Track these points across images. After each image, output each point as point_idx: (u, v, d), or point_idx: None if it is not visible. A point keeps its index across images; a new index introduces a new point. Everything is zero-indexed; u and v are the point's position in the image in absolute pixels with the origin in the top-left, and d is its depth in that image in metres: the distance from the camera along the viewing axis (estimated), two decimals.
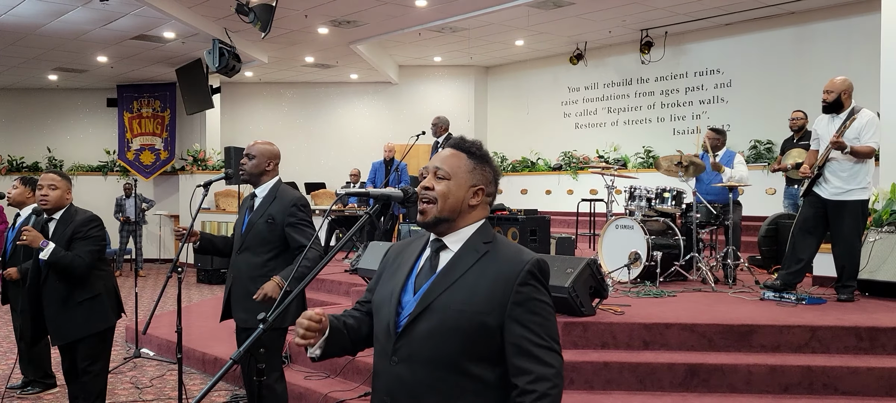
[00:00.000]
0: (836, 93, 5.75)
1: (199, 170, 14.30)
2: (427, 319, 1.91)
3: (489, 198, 2.06)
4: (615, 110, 12.95)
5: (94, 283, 4.22)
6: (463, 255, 1.97)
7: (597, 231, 9.32)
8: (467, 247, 1.98)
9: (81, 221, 4.22)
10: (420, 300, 1.94)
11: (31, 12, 9.70)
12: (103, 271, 4.33)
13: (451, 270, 1.96)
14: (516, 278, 1.90)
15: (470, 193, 2.01)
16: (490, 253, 1.96)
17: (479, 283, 1.91)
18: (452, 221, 1.99)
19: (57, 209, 4.28)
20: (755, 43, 11.10)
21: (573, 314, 5.02)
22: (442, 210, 1.98)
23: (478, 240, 1.99)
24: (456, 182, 1.99)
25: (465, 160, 2.03)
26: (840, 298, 5.78)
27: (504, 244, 2.01)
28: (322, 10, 10.06)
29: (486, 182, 2.04)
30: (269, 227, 3.92)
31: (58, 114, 15.93)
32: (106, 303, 4.26)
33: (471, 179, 2.01)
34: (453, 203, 1.98)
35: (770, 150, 10.61)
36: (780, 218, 7.71)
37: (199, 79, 12.87)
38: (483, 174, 2.04)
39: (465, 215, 2.01)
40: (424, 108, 14.12)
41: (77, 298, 4.17)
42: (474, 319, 1.88)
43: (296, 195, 4.00)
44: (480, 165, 2.04)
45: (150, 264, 15.11)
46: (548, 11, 10.40)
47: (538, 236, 7.39)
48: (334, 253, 2.23)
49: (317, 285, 7.72)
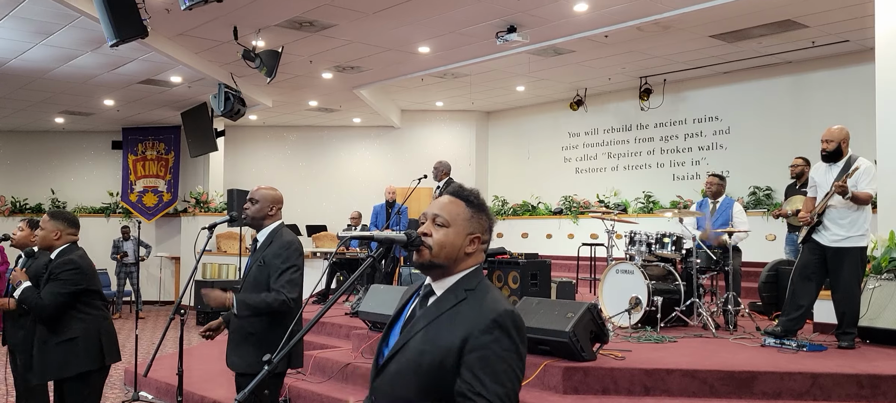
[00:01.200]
0: (835, 142, 5.83)
1: (201, 213, 14.36)
2: (397, 360, 1.97)
3: (484, 245, 2.10)
4: (615, 155, 13.05)
5: (71, 326, 4.17)
6: (443, 300, 2.01)
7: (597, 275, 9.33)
8: (449, 293, 2.02)
9: (57, 263, 4.21)
10: (396, 342, 2.01)
11: (41, 57, 9.87)
12: (87, 314, 4.25)
13: (428, 313, 2.00)
14: (479, 325, 1.90)
15: (467, 241, 2.04)
16: (468, 300, 1.98)
17: (445, 327, 1.94)
18: (447, 268, 2.03)
19: (46, 248, 4.35)
20: (753, 91, 11.25)
21: (574, 358, 5.02)
22: (437, 255, 2.01)
23: (461, 287, 2.02)
24: (455, 229, 2.03)
25: (463, 208, 2.06)
26: (841, 345, 5.77)
27: (484, 292, 2.01)
28: (326, 56, 10.23)
29: (482, 230, 2.08)
30: (259, 270, 3.91)
31: (62, 156, 16.07)
32: (83, 346, 4.18)
33: (468, 227, 2.05)
34: (449, 251, 2.02)
35: (769, 196, 10.67)
36: (780, 265, 7.73)
37: (204, 123, 13.00)
38: (480, 222, 2.08)
39: (460, 262, 2.04)
40: (426, 152, 14.24)
41: (53, 339, 4.17)
42: (433, 360, 1.91)
43: (290, 239, 3.98)
44: (478, 214, 2.08)
45: (150, 306, 15.07)
46: (548, 58, 10.57)
47: (539, 280, 7.39)
48: (337, 297, 2.26)
49: (317, 328, 7.70)
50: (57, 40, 9.14)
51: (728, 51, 10.15)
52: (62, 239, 4.35)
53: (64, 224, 4.37)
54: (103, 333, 4.29)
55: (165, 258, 15.38)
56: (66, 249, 4.33)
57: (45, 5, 7.76)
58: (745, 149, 11.29)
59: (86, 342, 4.21)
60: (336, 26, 8.87)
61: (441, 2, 8.02)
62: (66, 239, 4.36)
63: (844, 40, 9.50)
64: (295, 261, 3.85)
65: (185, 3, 5.86)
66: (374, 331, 6.65)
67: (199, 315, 12.30)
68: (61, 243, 4.34)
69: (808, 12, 8.40)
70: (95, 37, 8.73)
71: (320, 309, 2.11)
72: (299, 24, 8.77)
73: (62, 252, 4.31)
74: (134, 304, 12.98)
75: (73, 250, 4.33)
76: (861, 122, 8.48)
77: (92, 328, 4.25)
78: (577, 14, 8.40)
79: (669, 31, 9.14)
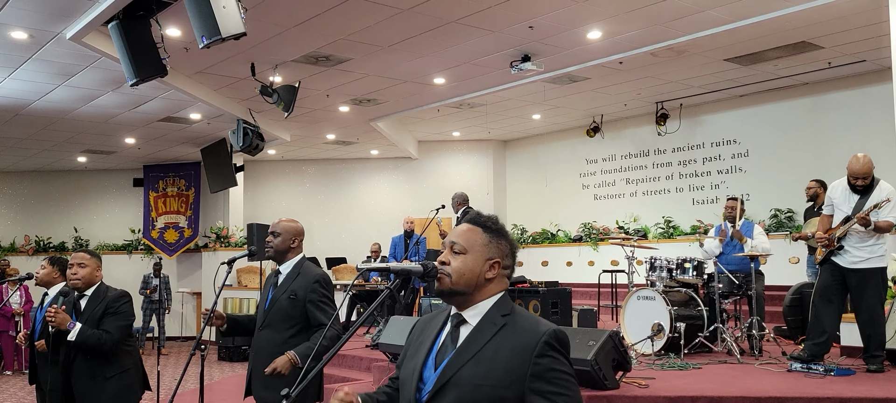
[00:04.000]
0: (869, 177, 5.76)
1: (221, 247, 14.46)
2: (446, 394, 1.93)
3: (506, 270, 2.09)
4: (633, 181, 13.00)
5: (123, 359, 4.34)
6: (481, 329, 1.99)
7: (618, 302, 9.25)
8: (486, 321, 2.00)
9: (113, 297, 4.36)
10: (440, 375, 1.96)
11: (63, 98, 10.07)
12: (130, 347, 4.45)
13: (470, 344, 1.98)
14: (534, 349, 1.90)
15: (486, 267, 2.04)
16: (508, 326, 1.97)
17: (496, 357, 1.92)
18: (469, 294, 2.02)
19: (87, 286, 4.40)
20: (771, 113, 11.19)
21: (596, 387, 4.96)
22: (457, 283, 2.01)
23: (496, 313, 2.01)
24: (472, 256, 2.03)
25: (480, 234, 2.07)
26: (869, 369, 5.66)
27: (522, 316, 2.02)
28: (343, 89, 10.34)
29: (502, 255, 2.07)
30: (291, 303, 3.93)
31: (84, 194, 16.30)
32: (134, 378, 4.38)
33: (486, 252, 2.05)
34: (469, 277, 2.02)
35: (791, 219, 10.56)
36: (804, 288, 7.62)
37: (224, 158, 13.15)
38: (499, 247, 2.07)
39: (481, 288, 2.03)
40: (444, 182, 14.28)
41: (106, 373, 4.26)
42: (493, 394, 1.89)
43: (319, 272, 4.03)
44: (496, 239, 2.08)
45: (172, 342, 15.13)
46: (563, 86, 10.60)
47: (560, 308, 7.36)
48: (355, 329, 2.26)
49: (337, 361, 7.70)
50: (79, 81, 9.33)
51: (744, 74, 10.12)
52: (97, 276, 4.48)
53: (98, 261, 4.51)
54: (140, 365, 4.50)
55: (187, 293, 15.48)
56: (103, 285, 4.45)
57: (66, 48, 7.93)
58: (765, 172, 11.20)
59: (136, 373, 4.42)
60: (351, 60, 8.97)
61: (455, 33, 8.09)
62: (100, 275, 4.50)
63: (861, 60, 9.44)
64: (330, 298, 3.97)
65: (204, 42, 5.96)
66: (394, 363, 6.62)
67: (220, 350, 12.33)
68: (97, 280, 4.47)
69: (823, 34, 8.37)
70: (116, 77, 8.90)
71: (339, 342, 2.11)
72: (315, 59, 8.89)
73: (103, 288, 4.43)
74: (157, 340, 13.05)
75: (107, 287, 4.46)
76: (881, 141, 8.40)
77: (137, 360, 4.47)
78: (590, 41, 8.43)
79: (684, 55, 9.15)
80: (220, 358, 12.22)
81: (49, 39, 7.77)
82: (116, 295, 4.37)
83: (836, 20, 7.91)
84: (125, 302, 4.36)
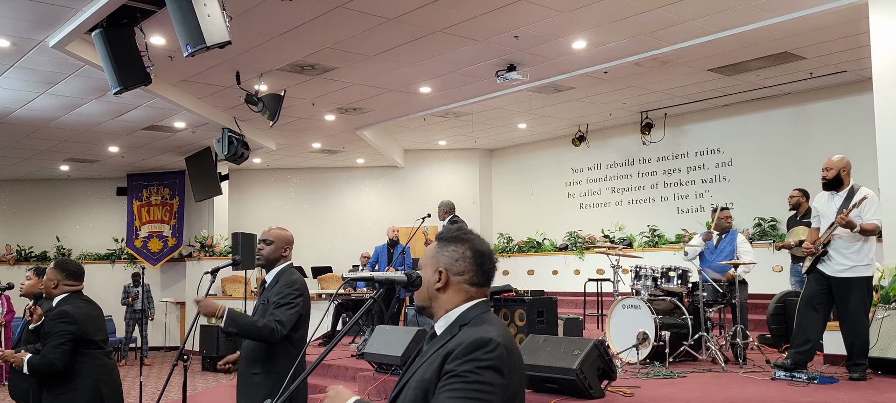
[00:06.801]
0: (835, 170, 5.85)
1: (206, 257, 14.36)
2: (399, 397, 2.04)
3: (461, 276, 2.04)
4: (619, 190, 13.06)
5: (70, 377, 4.15)
6: (440, 338, 2.05)
7: (604, 310, 9.27)
8: (446, 331, 2.04)
9: (47, 319, 4.24)
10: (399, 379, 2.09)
11: (46, 106, 9.98)
12: (84, 364, 4.20)
13: (426, 352, 2.06)
14: (452, 352, 1.91)
15: (434, 277, 2.06)
16: (459, 335, 1.98)
17: (434, 360, 1.97)
18: (428, 307, 2.10)
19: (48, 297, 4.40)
20: (754, 123, 11.29)
21: (582, 396, 4.97)
22: (417, 296, 2.11)
23: (457, 323, 2.03)
24: (426, 269, 2.10)
25: (433, 247, 2.13)
26: (852, 377, 5.71)
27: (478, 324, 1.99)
28: (329, 98, 10.32)
29: (450, 261, 2.05)
30: (263, 309, 3.93)
31: (67, 203, 16.14)
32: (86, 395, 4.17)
33: (434, 263, 2.08)
34: (423, 291, 2.08)
35: (774, 228, 10.64)
36: (787, 296, 7.67)
37: (208, 167, 13.08)
38: (447, 255, 2.06)
39: (437, 299, 2.07)
40: (430, 191, 14.28)
41: (56, 390, 4.17)
42: (420, 390, 1.95)
43: (294, 278, 4.00)
44: (445, 247, 2.08)
45: (155, 352, 14.99)
46: (549, 96, 10.64)
47: (545, 317, 7.36)
48: (339, 338, 2.26)
49: (322, 370, 7.65)
50: (62, 89, 9.25)
51: (727, 84, 10.21)
52: (60, 289, 4.33)
53: (62, 273, 4.35)
54: (103, 382, 4.24)
55: (170, 303, 15.35)
56: (64, 299, 4.31)
57: (49, 56, 7.87)
58: (749, 181, 11.29)
59: (84, 392, 4.17)
60: (337, 69, 8.97)
61: (441, 43, 8.11)
62: (64, 288, 4.33)
63: (842, 71, 9.55)
64: (293, 300, 3.86)
65: (188, 50, 5.93)
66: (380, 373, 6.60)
67: (204, 360, 12.23)
68: (59, 292, 4.33)
69: (805, 45, 8.47)
70: (100, 85, 8.83)
71: (323, 351, 2.10)
72: (301, 68, 8.87)
73: (60, 302, 4.30)
74: (139, 350, 12.92)
75: (71, 300, 4.30)
76: (863, 151, 8.48)
77: (90, 378, 4.20)
78: (575, 51, 8.48)
79: (668, 65, 9.22)
80: (204, 369, 12.12)
81: (32, 47, 7.70)
82: (52, 315, 4.19)
83: (818, 31, 8.01)
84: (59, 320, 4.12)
